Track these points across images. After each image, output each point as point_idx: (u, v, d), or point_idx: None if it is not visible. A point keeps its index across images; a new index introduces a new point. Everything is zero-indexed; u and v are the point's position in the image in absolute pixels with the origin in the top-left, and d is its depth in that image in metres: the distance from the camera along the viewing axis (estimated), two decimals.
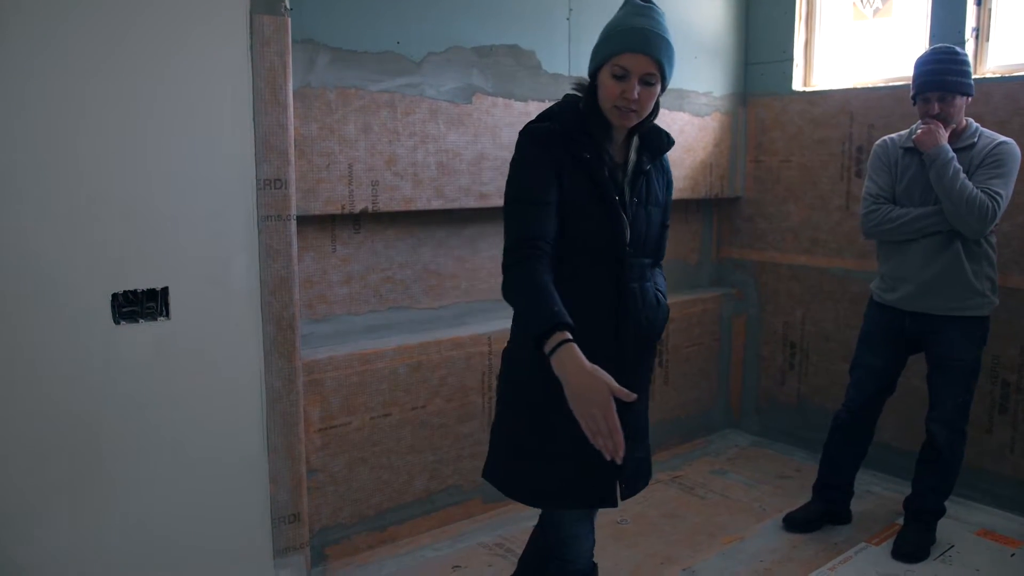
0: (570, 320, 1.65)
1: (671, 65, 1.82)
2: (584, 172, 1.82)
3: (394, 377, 3.06)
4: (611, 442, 1.59)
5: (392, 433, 3.08)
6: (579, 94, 1.91)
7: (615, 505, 1.97)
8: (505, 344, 2.05)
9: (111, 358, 2.14)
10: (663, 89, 1.85)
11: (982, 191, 2.79)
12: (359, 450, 3.01)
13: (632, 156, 1.92)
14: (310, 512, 2.81)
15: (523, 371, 1.93)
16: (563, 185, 1.81)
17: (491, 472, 2.06)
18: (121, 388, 2.16)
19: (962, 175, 2.81)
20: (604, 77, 1.81)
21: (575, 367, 1.60)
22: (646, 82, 1.79)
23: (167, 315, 2.23)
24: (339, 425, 2.95)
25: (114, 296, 2.13)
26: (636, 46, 1.76)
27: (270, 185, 2.38)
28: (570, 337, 1.62)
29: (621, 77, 1.78)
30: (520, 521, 3.31)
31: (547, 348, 1.62)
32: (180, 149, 2.19)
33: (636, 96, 1.78)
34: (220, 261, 2.31)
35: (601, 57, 1.82)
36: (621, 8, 1.86)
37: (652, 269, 1.99)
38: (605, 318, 1.87)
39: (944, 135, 2.85)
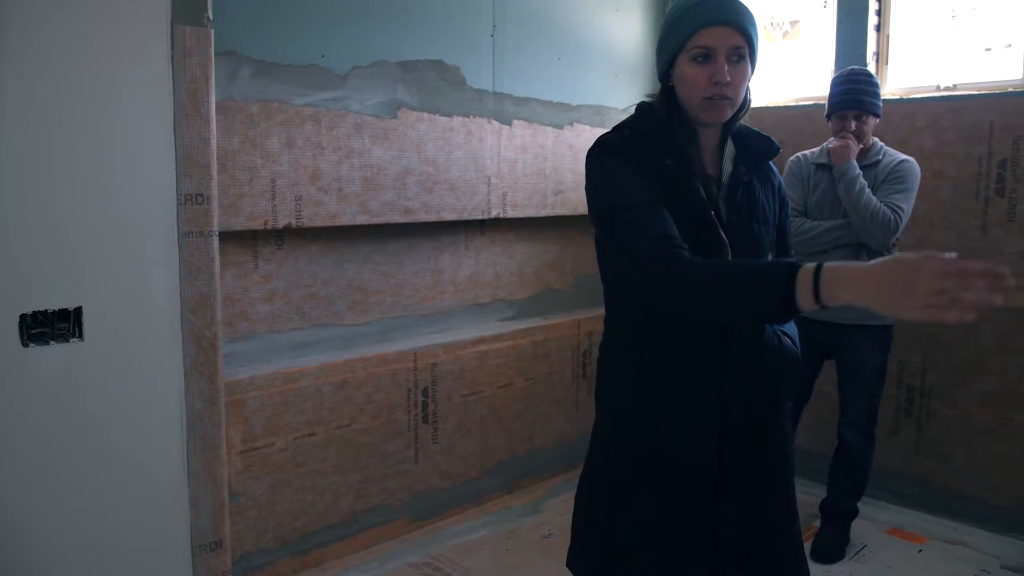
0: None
1: (757, 35, 1.51)
2: (671, 185, 1.48)
3: (319, 395, 3.00)
4: (980, 278, 1.15)
5: (317, 453, 3.02)
6: (652, 102, 1.60)
7: None
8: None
9: (18, 383, 2.02)
10: (753, 68, 1.53)
11: (886, 205, 2.94)
12: (282, 472, 2.93)
13: (727, 166, 1.59)
14: (232, 538, 2.72)
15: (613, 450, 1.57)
16: None
17: (573, 562, 1.69)
18: (30, 415, 2.05)
19: (867, 190, 2.95)
20: (683, 68, 1.50)
21: (859, 269, 1.18)
22: (737, 58, 1.48)
23: (80, 336, 2.13)
24: (262, 447, 2.86)
25: (22, 317, 2.01)
26: (716, 17, 1.46)
27: (191, 200, 2.30)
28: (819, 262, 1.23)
29: (705, 59, 1.47)
30: (447, 539, 3.28)
31: (805, 288, 1.21)
32: (95, 162, 2.10)
33: (728, 77, 1.46)
34: (138, 279, 2.22)
35: (674, 46, 1.50)
36: None
37: None
38: (708, 373, 1.49)
39: (855, 151, 2.98)
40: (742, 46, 1.48)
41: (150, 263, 2.23)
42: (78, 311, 2.11)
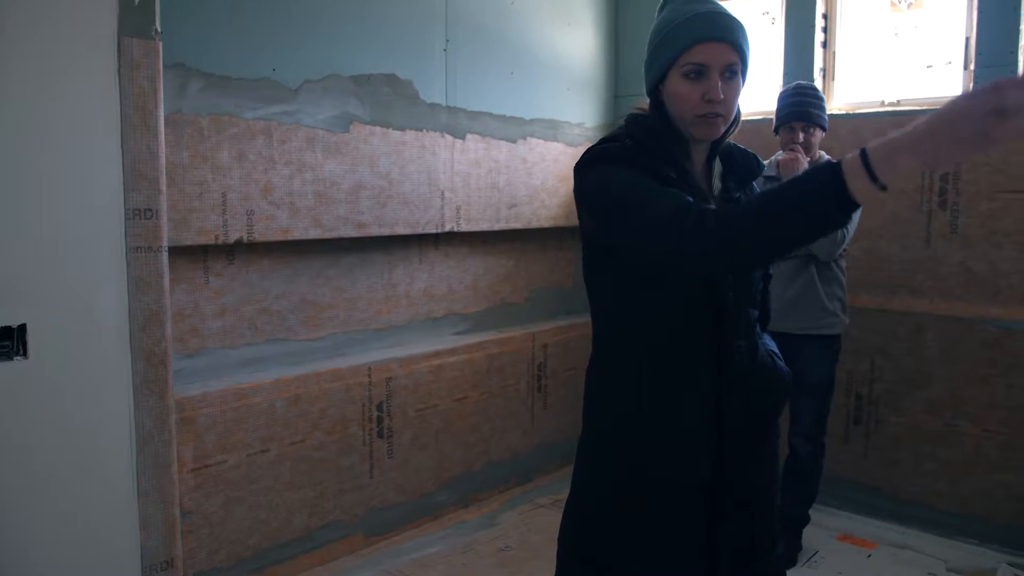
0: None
1: (750, 49, 1.48)
2: None
3: (272, 411, 2.97)
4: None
5: (270, 470, 2.98)
6: (644, 115, 1.54)
7: None
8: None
9: None
10: (744, 82, 1.50)
11: None
12: (236, 489, 2.89)
13: (716, 183, 1.56)
14: (184, 557, 2.67)
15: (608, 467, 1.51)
16: None
17: None
18: None
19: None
20: (675, 84, 1.45)
21: (903, 134, 1.15)
22: (730, 75, 1.44)
23: (24, 354, 2.08)
24: (214, 464, 2.82)
25: None
26: (710, 33, 1.42)
27: (139, 215, 2.27)
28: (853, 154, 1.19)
29: (698, 75, 1.42)
30: (404, 554, 3.26)
31: (855, 184, 1.17)
32: (40, 176, 2.06)
33: (722, 96, 1.42)
34: (85, 295, 2.18)
35: (665, 61, 1.45)
36: (666, 7, 1.52)
37: (758, 326, 1.57)
38: (706, 390, 1.46)
39: (804, 163, 3.05)
40: (736, 63, 1.44)
41: (97, 279, 2.20)
42: (22, 328, 2.07)
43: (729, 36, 1.42)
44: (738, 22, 1.46)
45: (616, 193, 1.41)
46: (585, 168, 1.49)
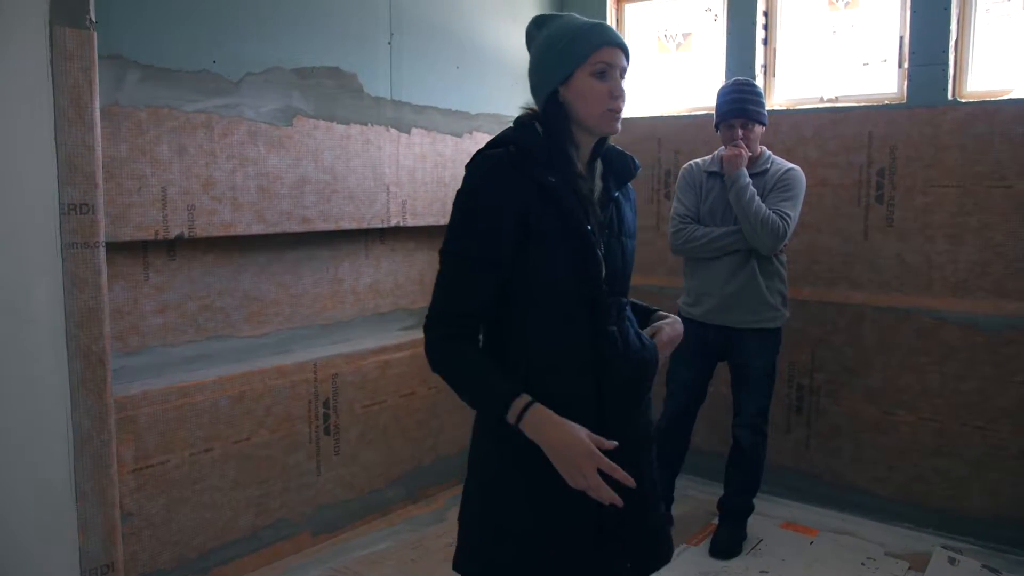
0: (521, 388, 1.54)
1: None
2: (551, 202, 1.57)
3: (215, 410, 2.92)
4: (612, 489, 1.48)
5: (214, 469, 2.94)
6: (531, 119, 1.66)
7: None
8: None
9: None
10: None
11: (774, 212, 3.06)
12: (179, 489, 2.84)
13: (598, 183, 1.69)
14: (125, 560, 2.61)
15: (507, 444, 1.62)
16: (529, 223, 1.55)
17: (465, 564, 1.72)
18: None
19: (757, 198, 3.06)
20: (584, 84, 1.59)
21: (551, 424, 1.50)
22: (621, 79, 1.63)
23: None
24: (156, 464, 2.77)
25: None
26: (612, 39, 1.60)
27: (75, 210, 2.21)
28: (531, 399, 1.51)
29: (603, 75, 1.59)
30: (353, 551, 3.24)
31: (512, 418, 1.51)
32: None
33: (623, 91, 1.62)
34: (18, 292, 2.12)
35: (574, 61, 1.59)
36: (552, 22, 1.67)
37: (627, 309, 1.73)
38: (585, 371, 1.62)
39: (746, 159, 3.09)
40: (627, 69, 1.63)
41: (31, 275, 2.14)
42: None
43: (624, 45, 1.62)
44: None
45: (453, 243, 1.59)
46: (475, 168, 1.60)
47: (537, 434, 1.50)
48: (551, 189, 1.56)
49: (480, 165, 1.59)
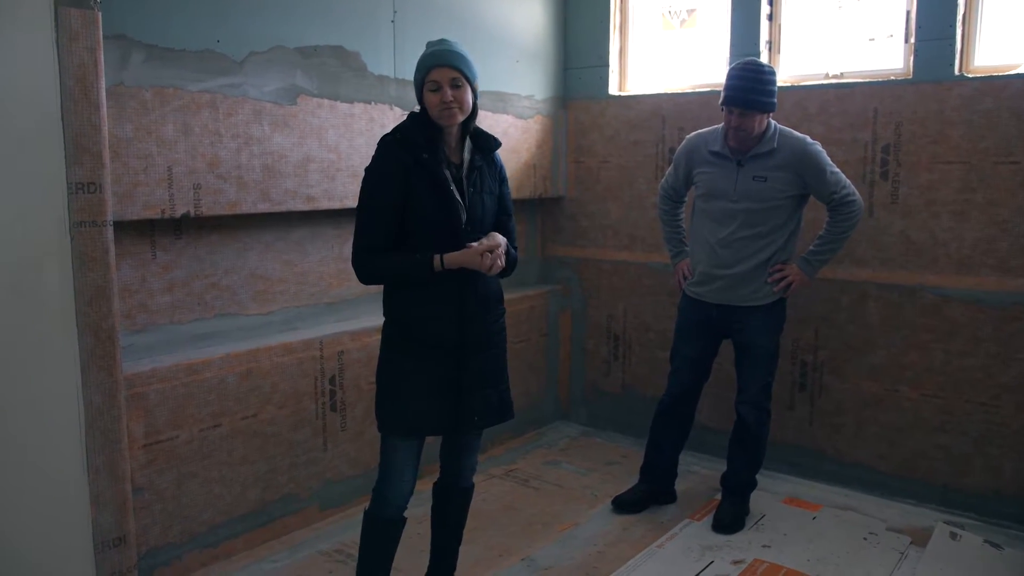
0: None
1: (470, 68, 2.33)
2: (426, 170, 2.30)
3: (223, 387, 2.96)
4: (494, 256, 2.32)
5: (223, 444, 2.98)
6: (416, 113, 2.39)
7: (463, 431, 2.49)
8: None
9: None
10: (474, 89, 2.35)
11: (839, 201, 3.14)
12: (188, 464, 2.88)
13: (466, 156, 2.41)
14: (137, 533, 2.66)
15: (393, 334, 2.43)
16: (410, 183, 2.29)
17: (376, 414, 2.49)
18: None
19: (840, 237, 3.22)
20: (425, 96, 2.32)
21: (458, 255, 2.30)
22: (455, 85, 2.29)
23: None
24: (165, 440, 2.81)
25: None
26: (438, 61, 2.29)
27: (83, 189, 2.23)
28: (438, 254, 2.30)
29: (435, 89, 2.29)
30: (358, 525, 3.27)
31: (437, 266, 2.29)
32: None
33: (451, 97, 2.28)
34: (28, 271, 2.15)
35: (418, 81, 2.34)
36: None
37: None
38: (450, 285, 2.35)
39: (796, 273, 3.23)
40: (458, 78, 2.29)
41: (40, 254, 2.17)
42: None
43: (451, 62, 2.29)
44: (458, 54, 2.31)
45: (361, 197, 2.39)
46: (380, 148, 2.37)
47: (454, 262, 2.29)
48: (423, 163, 2.29)
49: (378, 146, 2.37)
